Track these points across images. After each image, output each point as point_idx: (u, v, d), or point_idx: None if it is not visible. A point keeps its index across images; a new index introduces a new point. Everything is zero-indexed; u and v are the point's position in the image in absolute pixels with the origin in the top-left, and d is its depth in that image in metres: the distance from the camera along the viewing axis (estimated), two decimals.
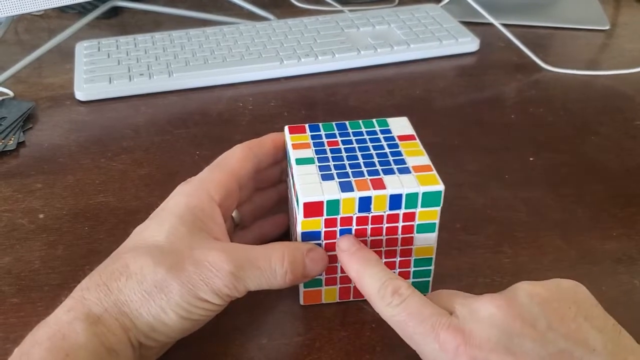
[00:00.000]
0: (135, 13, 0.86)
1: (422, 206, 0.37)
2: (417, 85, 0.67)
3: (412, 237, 0.38)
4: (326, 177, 0.37)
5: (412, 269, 0.40)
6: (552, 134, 0.59)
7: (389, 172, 0.38)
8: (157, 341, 0.34)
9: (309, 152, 0.39)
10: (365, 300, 0.41)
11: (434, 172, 0.38)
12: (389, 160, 0.39)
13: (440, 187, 0.37)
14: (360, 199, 0.36)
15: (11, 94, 0.66)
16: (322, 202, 0.36)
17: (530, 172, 0.53)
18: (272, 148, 0.42)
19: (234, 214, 0.41)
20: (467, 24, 0.76)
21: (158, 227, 0.36)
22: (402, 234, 0.38)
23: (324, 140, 0.41)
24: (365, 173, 0.37)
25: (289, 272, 0.35)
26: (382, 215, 0.37)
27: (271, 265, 0.35)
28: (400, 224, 0.38)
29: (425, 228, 0.38)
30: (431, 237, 0.39)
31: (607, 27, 0.79)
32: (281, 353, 0.38)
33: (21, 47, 0.78)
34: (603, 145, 0.57)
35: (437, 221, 0.38)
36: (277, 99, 0.65)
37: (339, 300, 0.41)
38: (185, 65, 0.68)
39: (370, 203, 0.37)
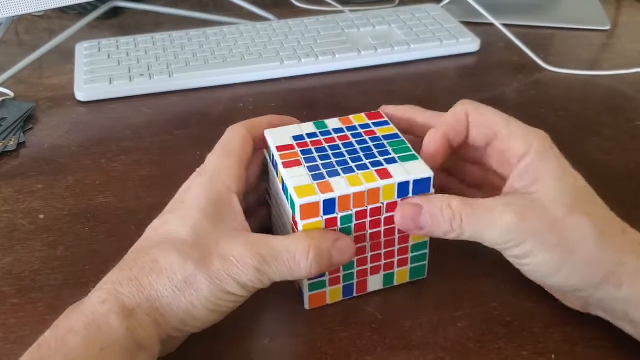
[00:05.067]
0: (136, 13, 0.86)
1: (414, 193, 0.37)
2: (418, 86, 0.67)
3: None
4: (317, 177, 0.37)
5: (409, 255, 0.40)
6: (553, 135, 0.58)
7: (377, 164, 0.38)
8: (184, 332, 0.35)
9: (295, 154, 0.39)
10: (367, 301, 0.41)
11: (420, 160, 0.38)
12: (374, 153, 0.39)
13: (429, 173, 0.37)
14: (355, 194, 0.36)
15: (11, 94, 0.66)
16: (318, 203, 0.36)
17: None
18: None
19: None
20: (467, 24, 0.76)
21: (182, 222, 0.36)
22: None
23: (307, 140, 0.40)
24: (355, 168, 0.37)
25: (314, 264, 0.35)
26: (380, 207, 0.37)
27: (295, 259, 0.35)
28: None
29: None
30: None
31: (608, 28, 0.79)
32: (283, 353, 0.38)
33: (21, 47, 0.78)
34: (604, 145, 0.57)
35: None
36: (278, 99, 0.65)
37: (342, 299, 0.41)
38: (185, 66, 0.68)
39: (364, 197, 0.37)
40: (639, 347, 0.37)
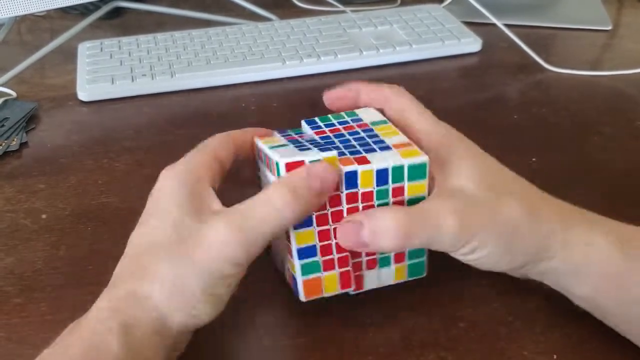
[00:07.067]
0: (138, 14, 0.86)
1: (409, 179, 0.37)
2: (420, 86, 0.67)
3: None
4: (303, 149, 0.37)
5: (406, 251, 0.39)
6: (554, 135, 0.59)
7: (371, 150, 0.37)
8: (189, 330, 0.35)
9: (282, 141, 0.39)
10: (368, 301, 0.41)
11: (415, 146, 0.38)
12: (367, 142, 0.38)
13: (424, 158, 0.37)
14: (347, 173, 0.36)
15: (14, 94, 0.66)
16: (302, 162, 0.35)
17: (532, 173, 0.53)
18: (253, 138, 0.41)
19: None
20: (469, 24, 0.76)
21: (162, 222, 0.35)
22: None
23: (296, 137, 0.40)
24: (347, 153, 0.37)
25: (292, 202, 0.34)
26: (372, 192, 0.37)
27: (273, 205, 0.34)
28: (390, 199, 0.37)
29: (415, 203, 0.37)
30: None
31: (609, 28, 0.79)
32: (284, 354, 0.38)
33: (24, 47, 0.79)
34: (606, 145, 0.57)
35: (425, 194, 0.38)
36: (280, 99, 0.65)
37: (340, 291, 0.39)
38: (187, 66, 0.68)
39: (356, 178, 0.36)
40: (638, 347, 0.37)
